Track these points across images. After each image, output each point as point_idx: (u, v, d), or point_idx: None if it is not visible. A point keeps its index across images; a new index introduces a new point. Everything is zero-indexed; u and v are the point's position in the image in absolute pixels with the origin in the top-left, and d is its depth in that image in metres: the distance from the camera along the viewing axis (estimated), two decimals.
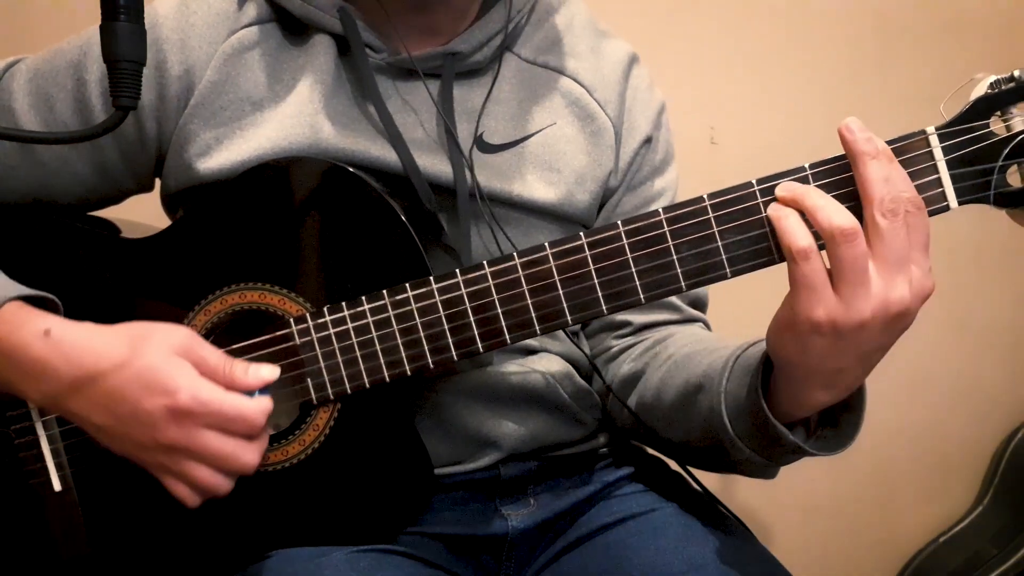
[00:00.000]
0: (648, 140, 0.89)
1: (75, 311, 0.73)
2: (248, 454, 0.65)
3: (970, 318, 1.58)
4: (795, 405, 0.66)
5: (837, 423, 0.68)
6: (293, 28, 0.79)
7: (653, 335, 0.87)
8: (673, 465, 0.90)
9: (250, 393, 0.66)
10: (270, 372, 0.68)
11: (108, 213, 0.85)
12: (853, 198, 0.61)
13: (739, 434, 0.69)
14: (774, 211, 0.62)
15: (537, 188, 0.82)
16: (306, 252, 0.73)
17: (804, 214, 0.61)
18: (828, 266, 0.60)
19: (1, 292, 0.68)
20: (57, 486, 0.75)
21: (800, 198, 0.61)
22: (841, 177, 0.62)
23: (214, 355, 0.67)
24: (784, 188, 0.62)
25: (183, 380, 0.64)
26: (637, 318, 0.88)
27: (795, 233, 0.60)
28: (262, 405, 0.66)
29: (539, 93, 0.84)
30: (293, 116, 0.76)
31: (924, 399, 1.59)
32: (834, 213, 0.59)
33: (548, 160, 0.83)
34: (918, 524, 1.62)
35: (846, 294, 0.58)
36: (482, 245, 0.81)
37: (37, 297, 0.70)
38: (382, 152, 0.77)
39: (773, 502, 1.57)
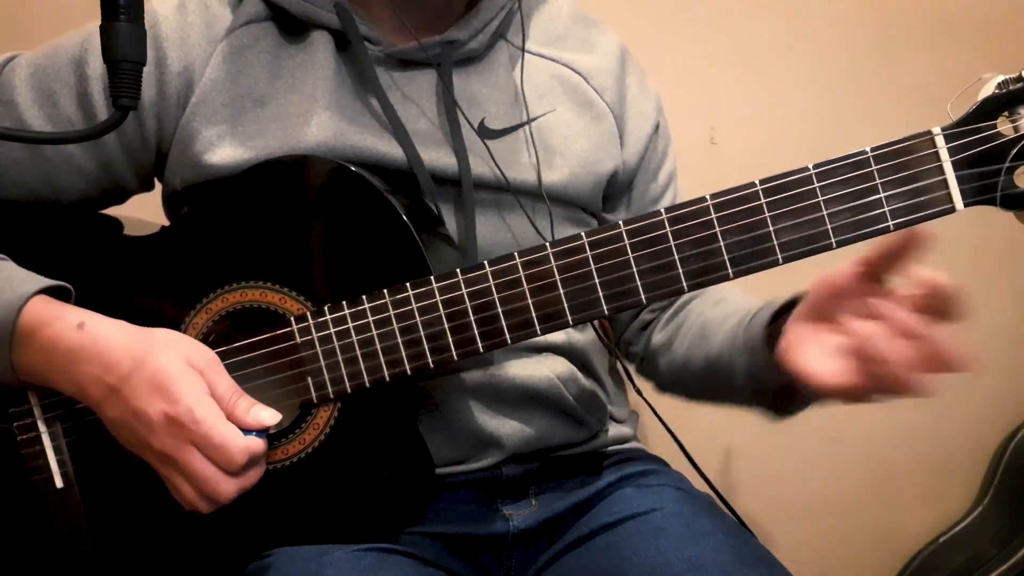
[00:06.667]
0: (657, 127, 0.92)
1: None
2: (223, 485, 0.66)
3: (970, 318, 1.57)
4: None
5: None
6: (290, 26, 0.80)
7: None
8: (674, 465, 0.90)
9: (248, 432, 0.67)
10: (271, 417, 0.69)
11: (112, 212, 0.85)
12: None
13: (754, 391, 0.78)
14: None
15: (542, 172, 0.82)
16: (307, 251, 0.73)
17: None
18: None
19: (24, 286, 0.70)
20: (59, 483, 0.75)
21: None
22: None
23: (225, 382, 0.68)
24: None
25: (188, 391, 0.65)
26: None
27: None
28: (250, 444, 0.66)
29: (536, 80, 0.86)
30: (297, 115, 0.76)
31: (924, 399, 1.58)
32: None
33: (551, 144, 0.84)
34: (918, 524, 1.61)
35: None
36: (487, 235, 0.81)
37: (54, 287, 0.71)
38: (388, 148, 0.77)
39: (774, 502, 1.57)
